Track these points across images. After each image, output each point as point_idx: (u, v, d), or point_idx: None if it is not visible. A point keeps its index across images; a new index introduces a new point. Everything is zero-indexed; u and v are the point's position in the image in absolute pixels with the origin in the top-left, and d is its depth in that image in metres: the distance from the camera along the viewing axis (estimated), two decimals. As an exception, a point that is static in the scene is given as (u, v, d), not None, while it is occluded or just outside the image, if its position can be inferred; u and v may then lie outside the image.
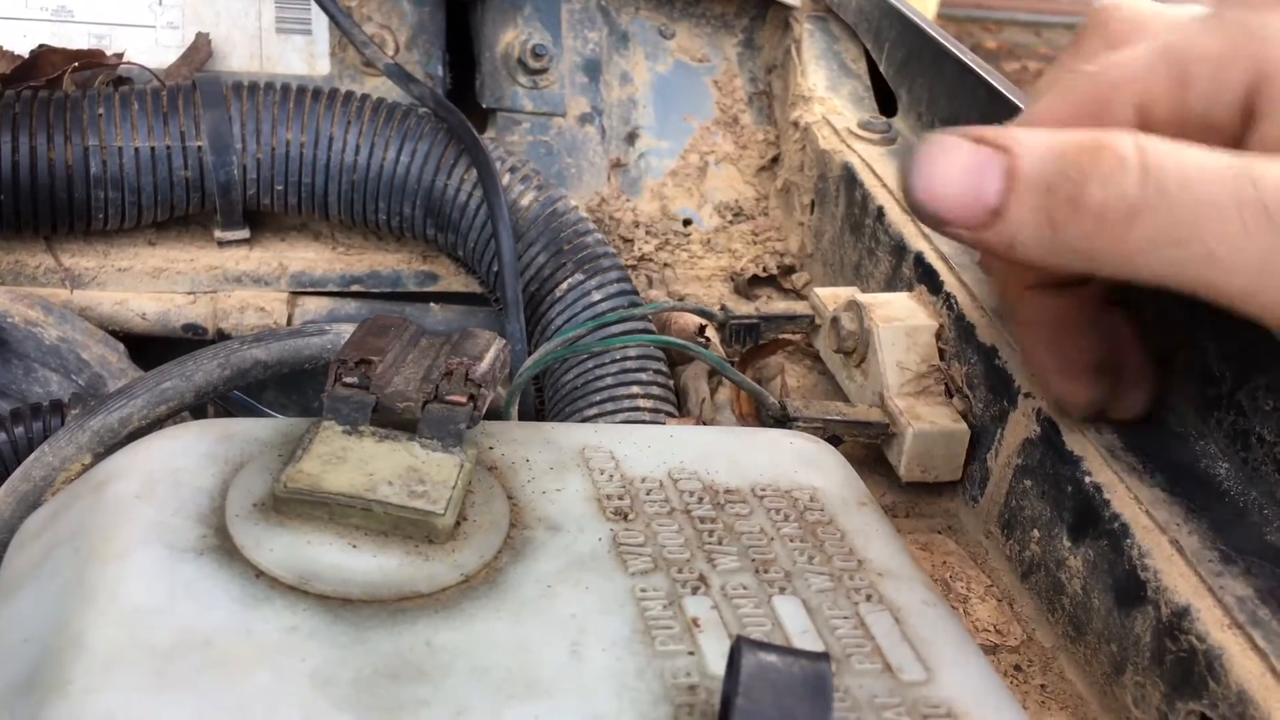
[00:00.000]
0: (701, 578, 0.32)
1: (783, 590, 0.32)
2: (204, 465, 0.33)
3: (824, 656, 0.26)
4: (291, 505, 0.30)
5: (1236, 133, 0.35)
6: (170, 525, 0.30)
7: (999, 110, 0.56)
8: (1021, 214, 0.34)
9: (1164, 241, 0.32)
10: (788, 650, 0.26)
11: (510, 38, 0.70)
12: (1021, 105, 0.54)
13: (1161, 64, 0.36)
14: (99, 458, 0.37)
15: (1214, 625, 0.34)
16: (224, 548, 0.30)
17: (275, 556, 0.29)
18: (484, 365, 0.35)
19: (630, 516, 0.34)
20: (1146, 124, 0.36)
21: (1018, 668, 0.40)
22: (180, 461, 0.33)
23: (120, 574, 0.28)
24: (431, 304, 0.63)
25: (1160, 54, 0.36)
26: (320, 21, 0.66)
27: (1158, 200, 0.32)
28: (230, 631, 0.27)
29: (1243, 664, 0.32)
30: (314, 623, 0.28)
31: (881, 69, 0.71)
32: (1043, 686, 0.39)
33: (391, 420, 0.34)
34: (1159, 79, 0.35)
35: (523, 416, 0.53)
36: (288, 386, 0.66)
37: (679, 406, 0.55)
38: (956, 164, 0.35)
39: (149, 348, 0.57)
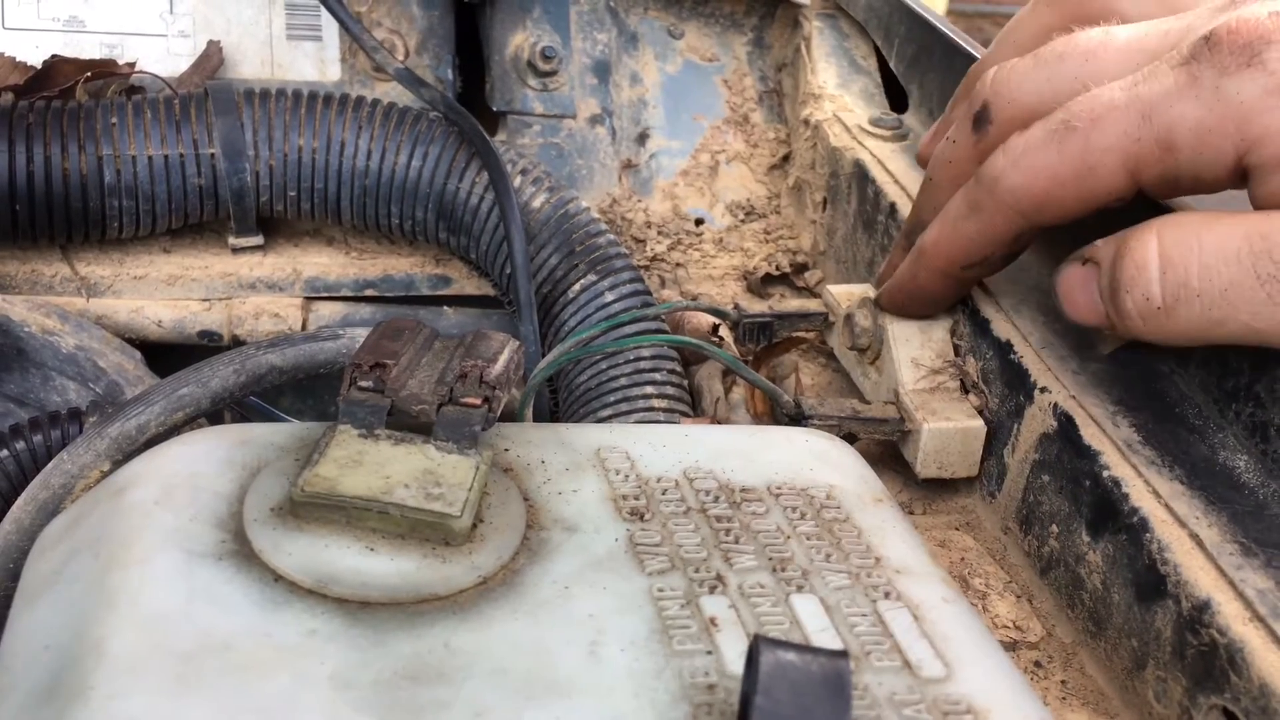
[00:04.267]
0: (719, 577, 0.32)
1: (800, 588, 0.32)
2: (221, 470, 0.33)
3: (843, 654, 0.26)
4: (309, 509, 0.31)
5: (1227, 185, 0.37)
6: (188, 530, 0.30)
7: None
8: (1113, 317, 0.39)
9: (1205, 324, 0.36)
10: (806, 648, 0.26)
11: (519, 40, 0.70)
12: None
13: (1145, 130, 0.37)
14: (117, 465, 0.38)
15: (1235, 619, 0.33)
16: (242, 552, 0.30)
17: (293, 560, 0.29)
18: (498, 367, 0.35)
19: (646, 516, 0.34)
20: (1138, 181, 0.38)
21: (1038, 664, 0.40)
22: (198, 467, 0.33)
23: (140, 579, 0.29)
24: (445, 307, 0.63)
25: (1140, 117, 0.37)
26: (330, 28, 0.67)
27: (1183, 293, 0.36)
28: (249, 635, 0.27)
29: (1265, 657, 0.32)
30: (333, 626, 0.28)
31: (892, 65, 0.71)
32: (1063, 682, 0.39)
33: (407, 423, 0.34)
34: (1145, 148, 0.37)
35: (537, 418, 0.53)
36: (303, 392, 0.66)
37: (693, 406, 0.55)
38: (1076, 284, 0.41)
39: (165, 355, 0.58)
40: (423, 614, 0.29)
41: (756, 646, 0.25)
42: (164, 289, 0.59)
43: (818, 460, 0.38)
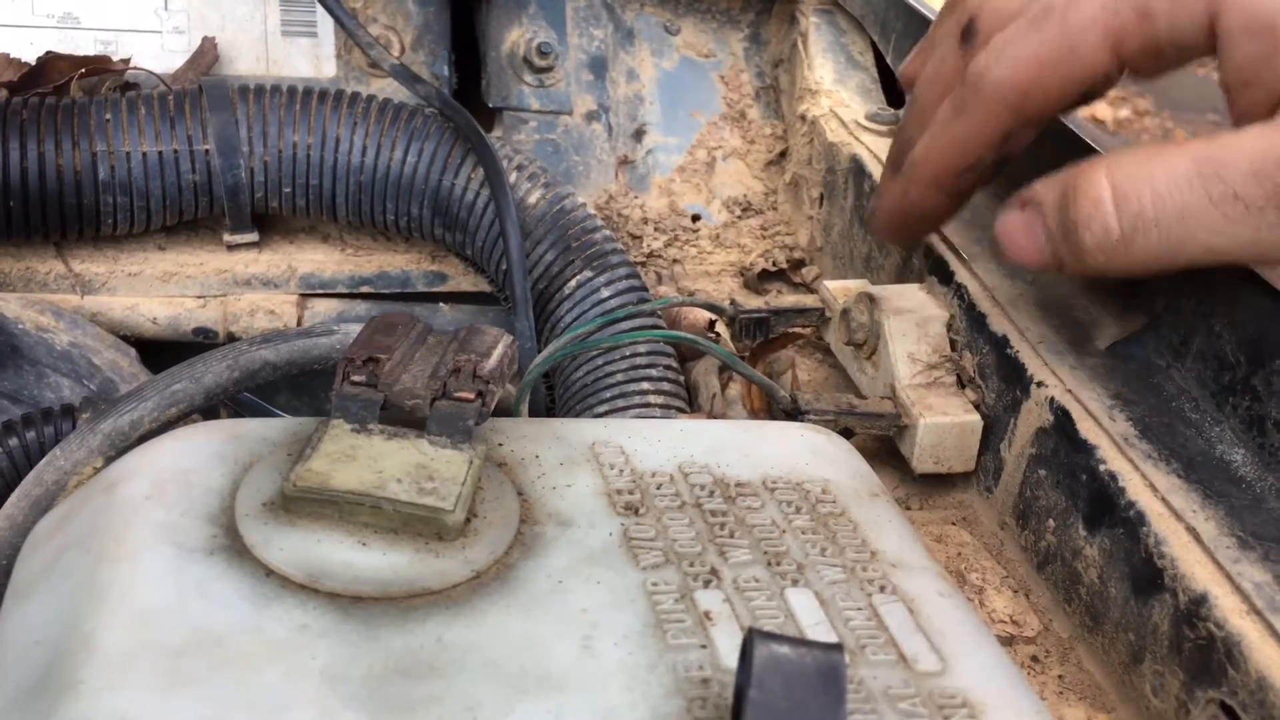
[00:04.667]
0: (713, 571, 0.31)
1: (795, 582, 0.32)
2: (213, 465, 0.33)
3: (837, 647, 0.25)
4: (301, 504, 0.30)
5: (1207, 48, 0.37)
6: (180, 525, 0.30)
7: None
8: (1064, 258, 0.39)
9: (1164, 250, 0.36)
10: (800, 641, 0.25)
11: (515, 36, 0.70)
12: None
13: (1122, 2, 0.37)
14: (110, 460, 0.37)
15: (1232, 612, 0.33)
16: (234, 547, 0.30)
17: (285, 555, 0.29)
18: (492, 361, 0.35)
19: (641, 511, 0.34)
20: (1120, 56, 0.38)
21: (1035, 658, 0.40)
22: (190, 462, 0.33)
23: (130, 575, 0.28)
24: (441, 304, 0.63)
25: None
26: (325, 24, 0.66)
27: (1140, 223, 0.36)
28: (241, 630, 0.27)
29: (1262, 650, 0.32)
30: (324, 621, 0.28)
31: (889, 60, 0.71)
32: (1060, 677, 0.39)
33: (400, 418, 0.33)
34: (1123, 19, 0.37)
35: (533, 414, 0.53)
36: (300, 389, 0.66)
37: (690, 402, 0.54)
38: (1018, 229, 0.40)
39: (160, 352, 0.58)
40: (415, 608, 0.28)
41: (750, 640, 0.25)
42: (159, 286, 0.59)
43: (813, 455, 0.38)
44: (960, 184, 0.44)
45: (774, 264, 0.67)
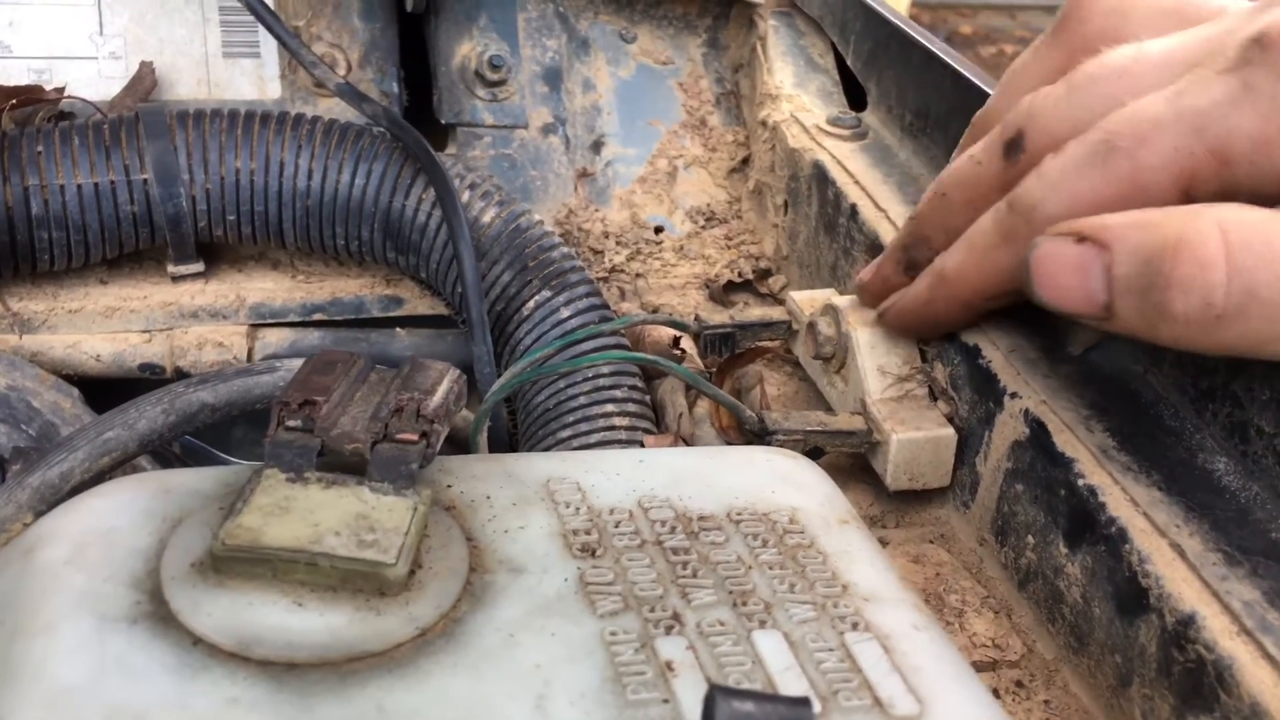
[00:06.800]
0: (675, 616, 0.30)
1: (763, 624, 0.30)
2: (140, 524, 0.30)
3: (804, 701, 0.24)
4: (231, 564, 0.28)
5: None
6: (102, 593, 0.28)
7: (967, 98, 0.54)
8: (1125, 312, 0.34)
9: (1258, 339, 0.32)
10: (766, 697, 0.24)
11: (466, 50, 0.68)
12: (988, 91, 0.52)
13: (1199, 144, 0.34)
14: (40, 515, 0.35)
15: (1221, 633, 0.32)
16: (159, 614, 0.28)
17: (214, 621, 0.27)
18: (436, 399, 0.33)
19: (598, 552, 0.32)
20: (1191, 199, 0.34)
21: (1019, 683, 0.38)
22: (114, 521, 0.31)
23: (46, 650, 0.26)
24: (397, 329, 0.61)
25: (1191, 128, 0.34)
26: (269, 44, 0.64)
27: (1249, 303, 0.31)
28: (163, 707, 0.25)
29: (1254, 673, 0.30)
30: (255, 692, 0.26)
31: (849, 62, 0.69)
32: (1046, 702, 0.38)
33: (340, 464, 0.32)
34: (1199, 162, 0.34)
35: (494, 441, 0.51)
36: (256, 422, 0.63)
37: (657, 422, 0.53)
38: (1067, 264, 0.35)
39: (106, 391, 0.55)
40: (355, 673, 0.27)
41: (712, 698, 0.23)
42: (102, 322, 0.57)
43: (780, 481, 0.36)
44: (992, 305, 0.42)
45: (740, 275, 0.66)
